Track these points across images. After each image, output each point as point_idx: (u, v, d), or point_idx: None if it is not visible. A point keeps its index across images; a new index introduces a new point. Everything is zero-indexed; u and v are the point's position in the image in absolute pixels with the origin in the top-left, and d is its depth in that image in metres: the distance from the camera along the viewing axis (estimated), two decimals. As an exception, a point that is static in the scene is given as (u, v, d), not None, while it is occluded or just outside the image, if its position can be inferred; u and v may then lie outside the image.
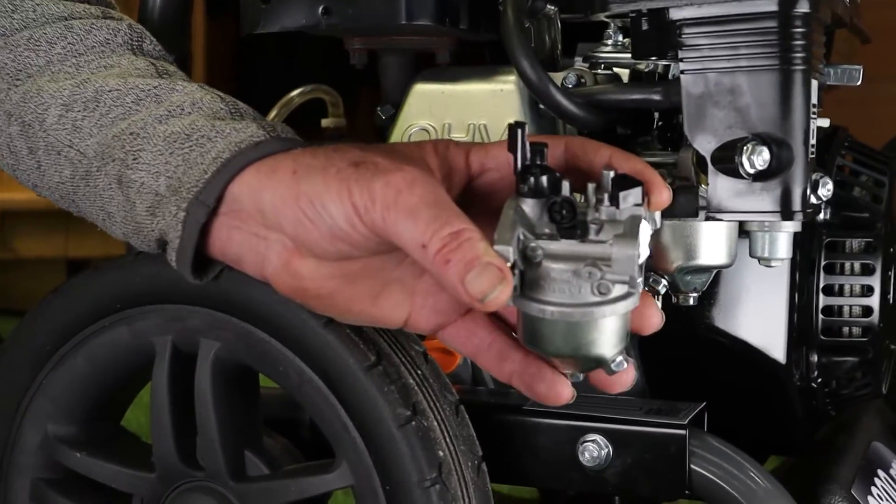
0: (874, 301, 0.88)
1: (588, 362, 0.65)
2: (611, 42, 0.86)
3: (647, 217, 0.62)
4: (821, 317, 0.88)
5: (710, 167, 0.73)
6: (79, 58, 0.73)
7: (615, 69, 0.86)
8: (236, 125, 0.68)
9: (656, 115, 0.85)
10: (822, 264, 0.88)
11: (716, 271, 0.84)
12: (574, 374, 0.67)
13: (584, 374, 0.67)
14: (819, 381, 0.90)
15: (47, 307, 0.81)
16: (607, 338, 0.63)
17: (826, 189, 0.75)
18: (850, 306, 0.88)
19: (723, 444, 0.77)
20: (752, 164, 0.71)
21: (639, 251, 0.60)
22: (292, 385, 0.75)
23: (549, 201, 0.62)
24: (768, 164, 0.71)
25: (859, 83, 0.84)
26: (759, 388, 0.90)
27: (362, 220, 0.63)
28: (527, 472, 0.81)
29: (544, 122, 0.86)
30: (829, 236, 0.89)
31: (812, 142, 0.73)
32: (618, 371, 0.65)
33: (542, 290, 0.62)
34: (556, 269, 0.61)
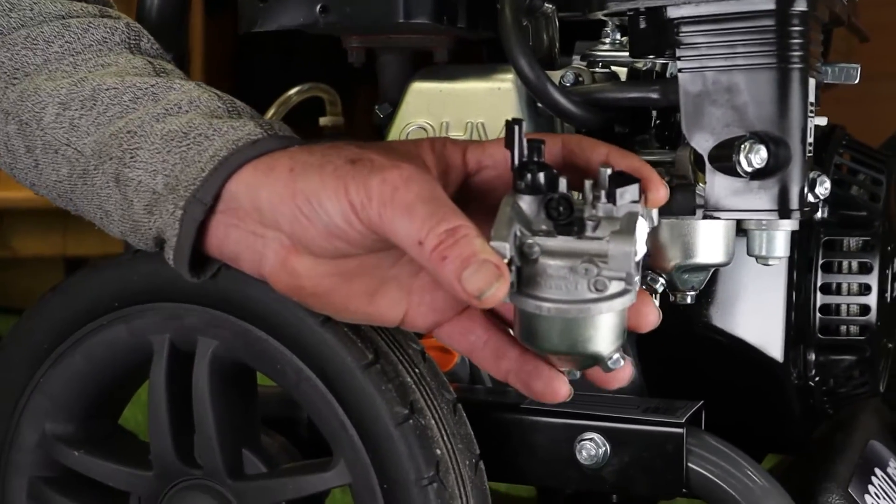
0: (872, 300, 0.88)
1: (585, 359, 0.65)
2: (609, 40, 0.86)
3: (644, 214, 0.62)
4: (818, 315, 0.88)
5: (708, 165, 0.73)
6: (76, 56, 0.73)
7: (613, 67, 0.86)
8: (234, 123, 0.68)
9: (654, 113, 0.85)
10: (820, 263, 0.88)
11: (713, 270, 0.84)
12: (571, 372, 0.67)
13: (582, 371, 0.67)
14: (817, 379, 0.90)
15: (45, 305, 0.81)
16: (604, 335, 0.63)
17: (823, 187, 0.75)
18: (848, 305, 0.88)
19: (720, 443, 0.78)
20: (750, 163, 0.71)
21: (635, 248, 0.60)
22: (290, 383, 0.75)
23: (545, 198, 0.62)
24: (766, 162, 0.71)
25: (857, 81, 0.84)
26: (757, 386, 0.90)
27: (359, 218, 0.63)
28: (524, 470, 0.81)
29: (542, 120, 0.86)
30: (827, 235, 0.89)
31: (809, 140, 0.73)
32: (614, 368, 0.65)
33: (538, 286, 0.62)
34: (552, 265, 0.61)
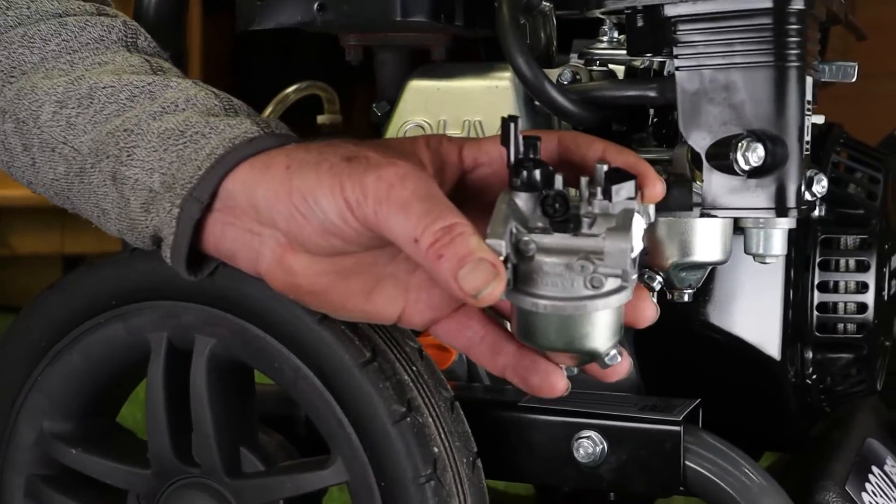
0: (869, 298, 0.88)
1: (582, 356, 0.65)
2: (606, 39, 0.86)
3: (640, 210, 0.62)
4: (816, 313, 0.88)
5: (705, 164, 0.73)
6: (73, 55, 0.73)
7: (610, 66, 0.86)
8: (230, 121, 0.68)
9: (651, 111, 0.85)
10: (817, 261, 0.88)
11: (710, 268, 0.84)
12: (569, 368, 0.67)
13: (580, 367, 0.67)
14: (814, 377, 0.90)
15: (43, 303, 0.81)
16: (601, 331, 0.63)
17: (820, 186, 0.75)
18: (845, 303, 0.88)
19: (717, 441, 0.78)
20: (747, 161, 0.71)
21: (632, 244, 0.60)
22: (287, 381, 0.75)
23: (541, 195, 0.62)
24: (763, 160, 0.71)
25: (854, 80, 0.84)
26: (754, 384, 0.90)
27: (354, 215, 0.63)
28: (522, 468, 0.81)
29: (539, 118, 0.86)
30: (824, 233, 0.89)
31: (807, 138, 0.73)
32: (612, 365, 0.65)
33: (534, 283, 0.62)
34: (548, 262, 0.61)
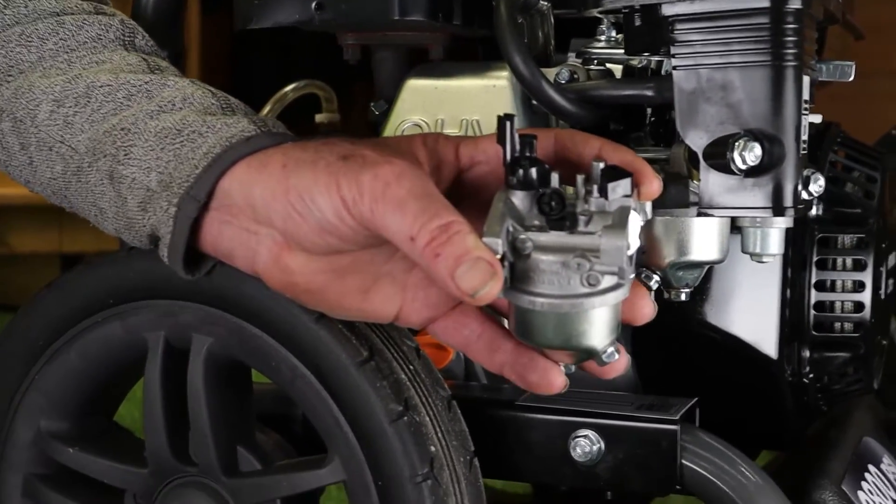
0: (866, 297, 0.88)
1: (579, 353, 0.65)
2: (604, 38, 0.86)
3: (636, 208, 0.62)
4: (813, 312, 0.88)
5: (702, 163, 0.73)
6: (70, 53, 0.73)
7: (608, 65, 0.86)
8: (227, 120, 0.68)
9: (649, 111, 0.85)
10: (814, 260, 0.89)
11: (708, 267, 0.84)
12: (567, 366, 0.67)
13: (577, 364, 0.67)
14: (811, 376, 0.90)
15: (40, 302, 0.81)
16: (598, 329, 0.63)
17: (817, 185, 0.75)
18: (842, 302, 0.89)
19: (714, 440, 0.78)
20: (744, 160, 0.71)
21: (628, 242, 0.60)
22: (284, 380, 0.75)
23: (538, 193, 0.62)
24: (760, 160, 0.71)
25: (852, 79, 0.84)
26: (751, 383, 0.90)
27: (351, 213, 0.63)
28: (519, 467, 0.81)
29: (537, 117, 0.86)
30: (822, 232, 0.89)
31: (804, 138, 0.73)
32: (609, 362, 0.65)
33: (531, 281, 0.62)
34: (545, 260, 0.61)
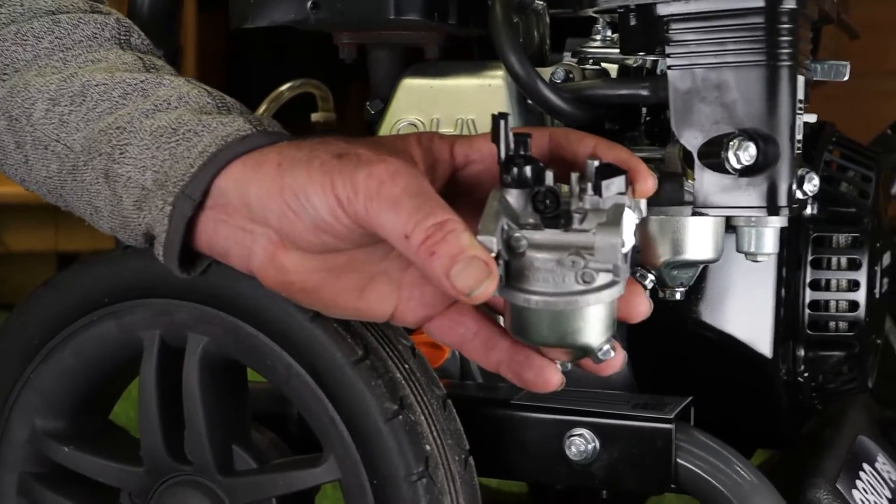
0: (860, 296, 0.88)
1: (575, 351, 0.65)
2: (599, 37, 0.86)
3: (631, 205, 0.62)
4: (807, 311, 0.88)
5: (697, 162, 0.73)
6: (66, 52, 0.73)
7: (603, 64, 0.86)
8: (223, 119, 0.68)
9: (644, 110, 0.85)
10: (809, 259, 0.89)
11: (702, 266, 0.84)
12: (563, 364, 0.67)
13: (574, 362, 0.67)
14: (805, 375, 0.90)
15: (35, 301, 0.81)
16: (593, 326, 0.63)
17: (812, 184, 0.75)
18: (837, 301, 0.89)
19: (709, 439, 0.78)
20: (739, 160, 0.71)
21: (622, 239, 0.60)
22: (280, 379, 0.75)
23: (532, 191, 0.62)
24: (754, 159, 0.71)
25: (846, 79, 0.84)
26: (746, 382, 0.90)
27: (345, 212, 0.63)
28: (514, 466, 0.81)
29: (532, 117, 0.86)
30: (816, 231, 0.89)
31: (798, 137, 0.74)
32: (605, 360, 0.65)
33: (526, 279, 0.62)
34: (539, 258, 0.61)
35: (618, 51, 0.83)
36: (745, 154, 0.71)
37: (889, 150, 1.02)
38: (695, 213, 0.75)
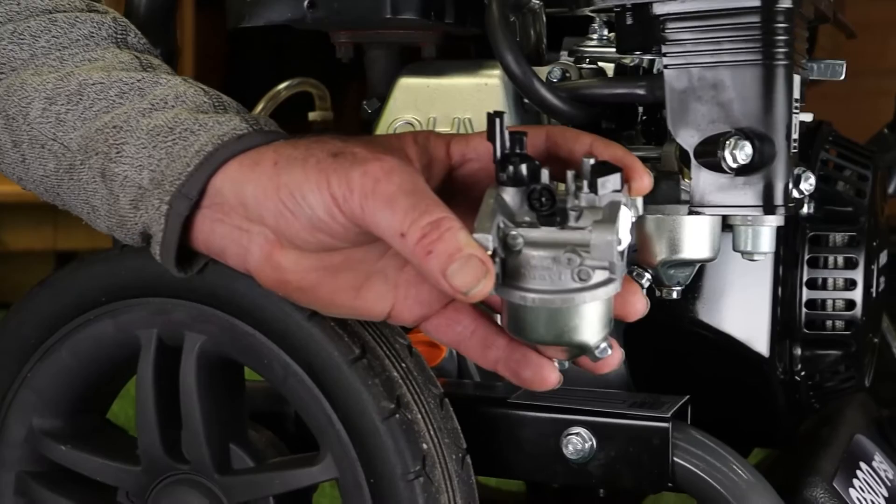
0: (857, 295, 0.88)
1: (572, 349, 0.65)
2: (596, 36, 0.87)
3: (627, 203, 0.63)
4: (804, 310, 0.89)
5: (693, 161, 0.73)
6: (63, 51, 0.73)
7: (600, 63, 0.86)
8: (219, 118, 0.68)
9: (640, 109, 0.85)
10: (806, 258, 0.89)
11: (699, 265, 0.85)
12: (560, 362, 0.67)
13: (571, 361, 0.67)
14: (802, 374, 0.90)
15: (33, 300, 0.81)
16: (589, 324, 0.63)
17: (808, 183, 0.75)
18: (834, 300, 0.89)
19: (706, 437, 0.78)
20: (735, 159, 0.71)
21: (618, 237, 0.61)
22: (277, 378, 0.75)
23: (528, 189, 0.62)
24: (751, 158, 0.71)
25: (843, 78, 0.84)
26: (743, 381, 0.90)
27: (341, 210, 0.63)
28: (511, 464, 0.81)
29: (529, 116, 0.86)
30: (813, 230, 0.89)
31: (794, 136, 0.74)
32: (602, 357, 0.65)
33: (523, 277, 0.62)
34: (536, 256, 0.62)
35: (614, 50, 0.83)
36: (742, 153, 0.71)
37: (886, 149, 1.03)
38: (691, 212, 0.75)
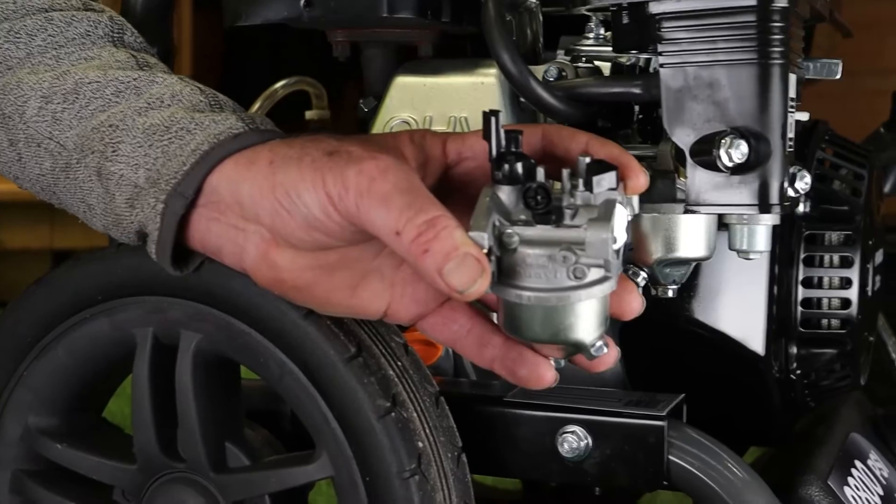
0: (853, 293, 0.89)
1: (568, 347, 0.65)
2: (592, 35, 0.87)
3: (623, 201, 0.63)
4: (800, 309, 0.89)
5: (689, 160, 0.73)
6: (59, 50, 0.73)
7: (596, 62, 0.86)
8: (215, 117, 0.69)
9: (637, 108, 0.85)
10: (802, 257, 0.89)
11: (695, 264, 0.85)
12: (556, 360, 0.67)
13: (567, 359, 0.67)
14: (798, 372, 0.90)
15: (28, 298, 0.81)
16: (585, 322, 0.63)
17: (804, 182, 0.75)
18: (829, 299, 0.89)
19: (701, 436, 0.78)
20: (730, 158, 0.71)
21: (613, 235, 0.61)
22: (273, 376, 0.75)
23: (523, 188, 0.62)
24: (746, 157, 0.71)
25: (839, 77, 0.84)
26: (739, 379, 0.90)
27: (336, 209, 0.63)
28: (506, 463, 0.81)
29: (525, 115, 0.86)
30: (809, 229, 0.89)
31: (790, 135, 0.74)
32: (598, 356, 0.65)
33: (518, 276, 0.62)
34: (531, 254, 0.62)
35: (611, 49, 0.83)
36: (737, 152, 0.71)
37: (882, 149, 1.03)
38: (687, 211, 0.75)
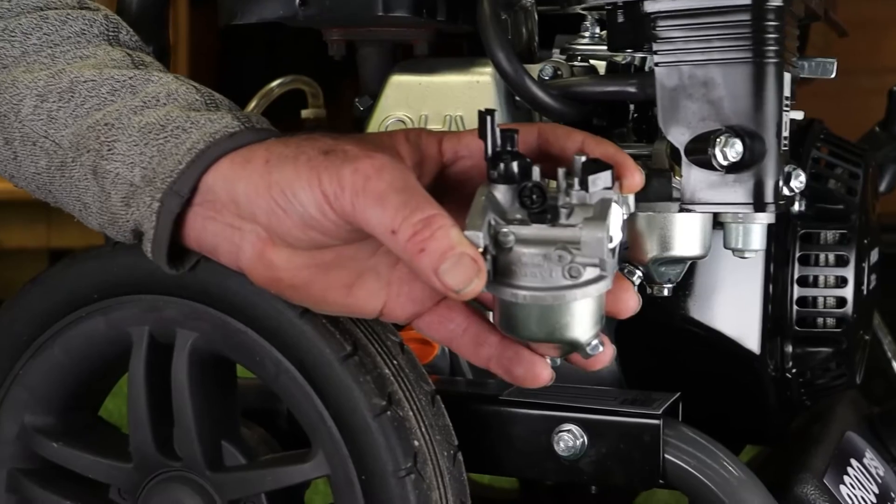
0: (848, 292, 0.89)
1: (563, 346, 0.65)
2: (588, 34, 0.87)
3: (618, 200, 0.63)
4: (795, 307, 0.89)
5: (684, 159, 0.73)
6: (54, 48, 0.73)
7: (592, 61, 0.86)
8: (211, 116, 0.69)
9: (632, 107, 0.85)
10: (797, 255, 0.89)
11: (690, 262, 0.85)
12: (552, 359, 0.67)
13: (563, 358, 0.67)
14: (794, 371, 0.90)
15: (24, 297, 0.81)
16: (581, 321, 0.63)
17: (798, 181, 0.75)
18: (825, 297, 0.89)
19: (697, 434, 0.78)
20: (725, 156, 0.71)
21: (609, 233, 0.61)
22: (269, 375, 0.75)
23: (519, 187, 0.62)
24: (741, 156, 0.72)
25: (834, 76, 0.84)
26: (734, 378, 0.90)
27: (332, 208, 0.63)
28: (502, 461, 0.81)
29: (520, 113, 0.86)
30: (804, 228, 0.89)
31: (785, 134, 0.74)
32: (594, 354, 0.65)
33: (514, 275, 0.62)
34: (527, 253, 0.62)
35: (606, 48, 0.83)
36: (732, 151, 0.71)
37: (877, 147, 1.03)
38: (682, 210, 0.75)
